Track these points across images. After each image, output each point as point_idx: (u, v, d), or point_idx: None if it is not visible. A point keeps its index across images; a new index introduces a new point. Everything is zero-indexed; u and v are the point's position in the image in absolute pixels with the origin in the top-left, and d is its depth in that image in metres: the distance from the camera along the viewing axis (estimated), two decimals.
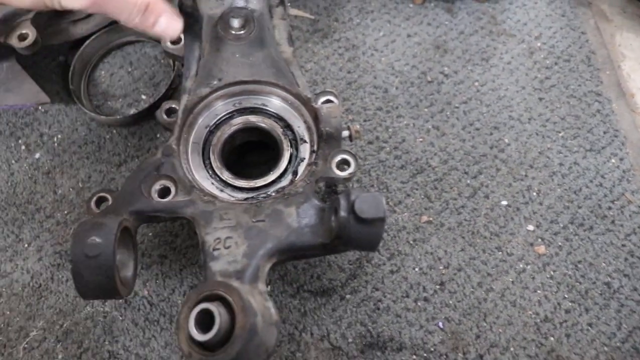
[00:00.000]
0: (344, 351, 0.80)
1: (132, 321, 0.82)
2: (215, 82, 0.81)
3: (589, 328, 0.84)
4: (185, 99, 0.80)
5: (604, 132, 0.98)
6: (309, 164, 0.76)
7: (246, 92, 0.82)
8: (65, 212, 0.89)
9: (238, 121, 0.81)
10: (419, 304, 0.83)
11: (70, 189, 0.91)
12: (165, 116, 0.80)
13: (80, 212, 0.89)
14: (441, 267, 0.86)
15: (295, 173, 0.77)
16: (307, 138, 0.79)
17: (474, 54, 1.03)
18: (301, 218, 0.70)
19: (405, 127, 0.95)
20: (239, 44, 0.82)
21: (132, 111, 0.96)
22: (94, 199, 0.75)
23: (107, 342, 0.81)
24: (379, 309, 0.82)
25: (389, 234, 0.87)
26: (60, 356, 0.81)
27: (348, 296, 0.83)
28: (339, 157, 0.74)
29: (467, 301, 0.84)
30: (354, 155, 0.73)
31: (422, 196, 0.90)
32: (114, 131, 0.95)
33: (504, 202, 0.90)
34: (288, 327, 0.81)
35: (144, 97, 0.98)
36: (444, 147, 0.94)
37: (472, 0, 1.06)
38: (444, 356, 0.81)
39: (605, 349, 0.83)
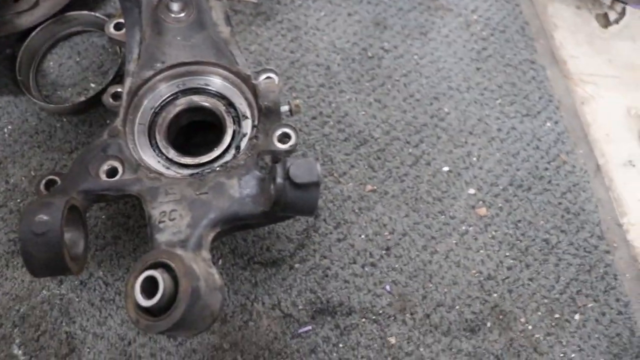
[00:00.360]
0: (295, 318, 0.83)
1: (88, 302, 0.84)
2: (158, 65, 0.83)
3: (530, 283, 0.89)
4: (129, 82, 0.82)
5: (539, 98, 1.02)
6: (250, 139, 0.79)
7: (189, 73, 0.84)
8: (18, 200, 0.91)
9: (182, 102, 0.83)
10: (366, 269, 0.87)
11: (23, 178, 0.92)
12: (111, 100, 0.82)
13: (33, 199, 0.90)
14: (386, 233, 0.89)
15: (238, 148, 0.80)
16: (248, 114, 0.82)
17: (413, 29, 1.07)
18: (242, 189, 0.73)
19: (347, 102, 0.98)
20: (179, 27, 0.85)
21: (82, 99, 0.97)
22: (44, 181, 0.76)
23: (64, 324, 0.83)
24: (327, 276, 0.86)
25: (334, 203, 0.90)
26: (17, 340, 0.82)
27: (297, 265, 0.86)
28: (279, 131, 0.76)
29: (413, 264, 0.88)
30: (293, 128, 0.76)
31: (366, 166, 0.93)
32: (64, 120, 0.96)
33: (446, 168, 0.94)
34: (240, 297, 0.84)
35: (92, 85, 1.00)
36: (386, 118, 0.97)
37: None
38: (392, 317, 0.84)
39: (545, 300, 0.88)
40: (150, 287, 0.60)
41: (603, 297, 0.89)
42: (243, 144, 0.80)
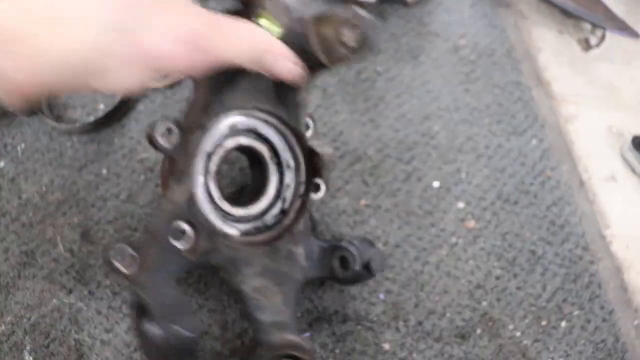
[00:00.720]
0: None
1: (96, 310, 0.88)
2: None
3: (518, 291, 0.93)
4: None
5: (525, 117, 1.08)
6: (299, 196, 0.77)
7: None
8: (30, 214, 0.95)
9: (230, 143, 0.75)
10: None
11: (35, 194, 0.97)
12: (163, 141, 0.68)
13: (45, 214, 0.95)
14: (380, 245, 0.94)
15: (284, 200, 0.77)
16: (292, 165, 0.79)
17: (405, 52, 1.13)
18: (308, 258, 0.76)
19: (342, 122, 1.03)
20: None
21: (91, 119, 1.02)
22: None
23: (73, 332, 0.87)
24: (323, 284, 0.90)
25: (330, 217, 0.95)
26: (28, 347, 0.86)
27: None
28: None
29: (405, 274, 0.92)
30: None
31: (360, 182, 0.98)
32: (74, 139, 1.02)
33: (436, 184, 0.99)
34: (240, 306, 0.88)
35: (101, 106, 1.05)
36: (379, 137, 1.02)
37: (401, 6, 1.16)
38: (386, 325, 0.88)
39: (533, 308, 0.92)
40: None
41: (588, 305, 0.93)
42: (288, 196, 0.77)
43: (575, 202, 1.02)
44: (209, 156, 0.73)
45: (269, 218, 0.77)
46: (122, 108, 1.01)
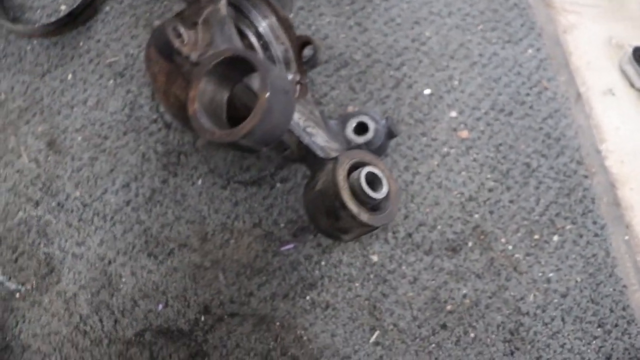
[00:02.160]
0: (277, 236, 0.83)
1: (66, 223, 0.83)
2: None
3: (510, 204, 0.89)
4: None
5: (521, 25, 1.01)
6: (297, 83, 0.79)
7: None
8: None
9: None
10: None
11: None
12: None
13: (5, 122, 0.88)
14: None
15: None
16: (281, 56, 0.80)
17: None
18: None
19: (327, 25, 0.96)
20: None
21: (52, 20, 0.94)
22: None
23: (42, 245, 0.82)
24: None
25: None
26: None
27: (278, 185, 0.85)
28: None
29: None
30: None
31: (347, 88, 0.92)
32: (35, 42, 0.93)
33: (427, 91, 0.94)
34: (220, 216, 0.83)
35: (63, 7, 0.96)
36: (367, 41, 0.96)
37: None
38: (375, 236, 0.84)
39: (525, 222, 0.89)
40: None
41: (581, 220, 0.90)
42: None
43: (571, 115, 0.97)
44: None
45: None
46: (86, 9, 0.92)
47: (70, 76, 0.89)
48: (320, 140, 0.69)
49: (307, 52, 0.78)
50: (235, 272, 0.81)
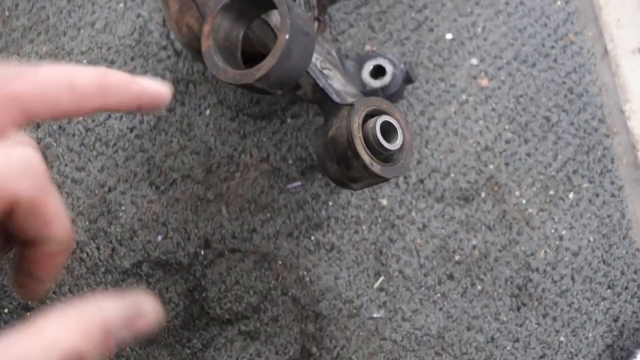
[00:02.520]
0: (284, 172, 0.80)
1: (67, 147, 0.80)
2: None
3: (527, 158, 0.86)
4: None
5: None
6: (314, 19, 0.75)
7: None
8: None
9: None
10: None
11: None
12: None
13: (8, 40, 0.84)
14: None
15: None
16: None
17: None
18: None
19: None
20: None
21: None
22: None
23: None
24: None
25: None
26: None
27: (289, 120, 0.82)
28: None
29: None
30: None
31: (366, 27, 0.88)
32: None
33: (449, 36, 0.90)
34: (227, 149, 0.80)
35: None
36: None
37: None
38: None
39: (541, 177, 0.86)
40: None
41: (598, 179, 0.87)
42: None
43: (596, 71, 0.93)
44: None
45: None
46: None
47: None
48: (336, 83, 0.65)
49: None
50: (239, 207, 0.78)
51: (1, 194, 0.32)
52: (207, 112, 0.81)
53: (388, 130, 0.58)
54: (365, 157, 0.56)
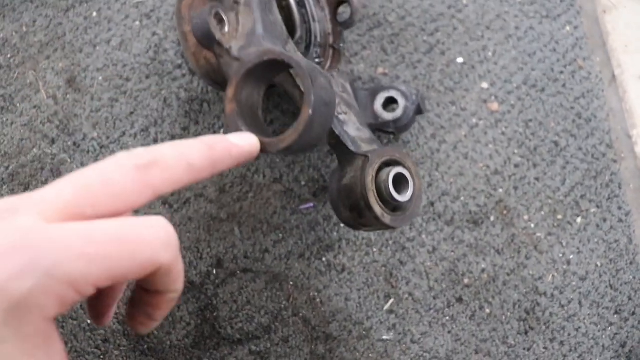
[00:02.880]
0: (297, 194, 0.81)
1: (81, 163, 0.81)
2: None
3: (536, 182, 0.87)
4: None
5: (561, 1, 0.98)
6: (329, 46, 0.77)
7: None
8: (9, 56, 0.85)
9: None
10: None
11: (14, 33, 0.86)
12: None
13: (25, 56, 0.85)
14: None
15: (316, 52, 0.77)
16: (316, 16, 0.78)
17: None
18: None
19: None
20: None
21: None
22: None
23: None
24: (332, 154, 0.83)
25: None
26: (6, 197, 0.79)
27: None
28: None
29: (421, 151, 0.85)
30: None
31: (379, 49, 0.89)
32: None
33: (460, 60, 0.91)
34: (240, 169, 0.81)
35: None
36: (402, 4, 0.92)
37: None
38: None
39: (550, 201, 0.86)
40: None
41: (606, 204, 0.88)
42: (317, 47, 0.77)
43: (604, 96, 0.94)
44: None
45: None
46: None
47: (95, 14, 0.86)
48: (351, 129, 0.67)
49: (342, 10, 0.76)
50: (252, 227, 0.78)
51: (150, 264, 0.39)
52: (221, 131, 0.82)
53: (400, 181, 0.60)
54: (377, 209, 0.58)
